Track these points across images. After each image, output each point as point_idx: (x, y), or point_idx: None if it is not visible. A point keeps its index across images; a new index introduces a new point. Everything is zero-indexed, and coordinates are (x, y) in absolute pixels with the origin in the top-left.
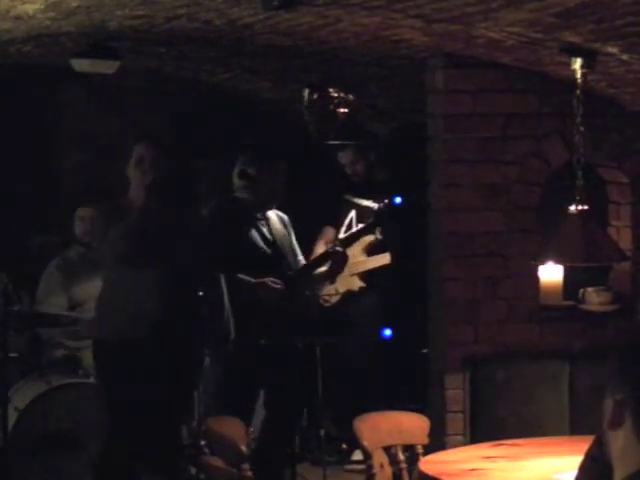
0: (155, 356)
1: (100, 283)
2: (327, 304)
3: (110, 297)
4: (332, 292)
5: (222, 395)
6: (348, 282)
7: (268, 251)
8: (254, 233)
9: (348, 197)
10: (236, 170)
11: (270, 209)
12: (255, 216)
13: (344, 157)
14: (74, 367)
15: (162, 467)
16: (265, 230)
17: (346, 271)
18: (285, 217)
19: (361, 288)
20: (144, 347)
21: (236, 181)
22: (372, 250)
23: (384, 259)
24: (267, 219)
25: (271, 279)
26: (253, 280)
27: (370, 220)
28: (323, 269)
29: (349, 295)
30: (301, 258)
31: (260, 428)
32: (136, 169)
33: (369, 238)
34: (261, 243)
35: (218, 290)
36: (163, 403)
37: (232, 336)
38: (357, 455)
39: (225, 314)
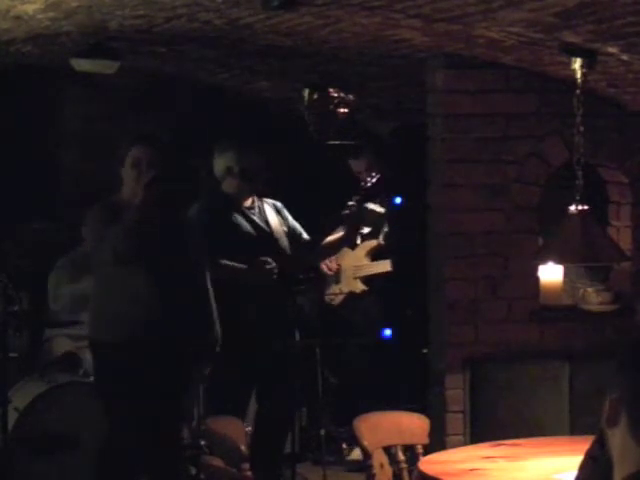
0: (152, 356)
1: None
2: (333, 303)
3: (106, 296)
4: (337, 291)
5: (216, 394)
6: (351, 284)
7: (262, 238)
8: (246, 223)
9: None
10: (217, 165)
11: (254, 196)
12: (244, 206)
13: (358, 165)
14: (74, 367)
15: (162, 467)
16: (256, 218)
17: (350, 273)
18: (278, 203)
19: (363, 291)
20: (141, 347)
21: (219, 175)
22: (375, 255)
23: (386, 266)
24: (258, 208)
25: (263, 258)
26: (244, 266)
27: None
28: (337, 235)
29: (351, 296)
30: (306, 236)
31: (253, 426)
32: (133, 170)
33: (372, 243)
34: (254, 232)
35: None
36: (161, 403)
37: (219, 342)
38: (357, 455)
39: (214, 319)
